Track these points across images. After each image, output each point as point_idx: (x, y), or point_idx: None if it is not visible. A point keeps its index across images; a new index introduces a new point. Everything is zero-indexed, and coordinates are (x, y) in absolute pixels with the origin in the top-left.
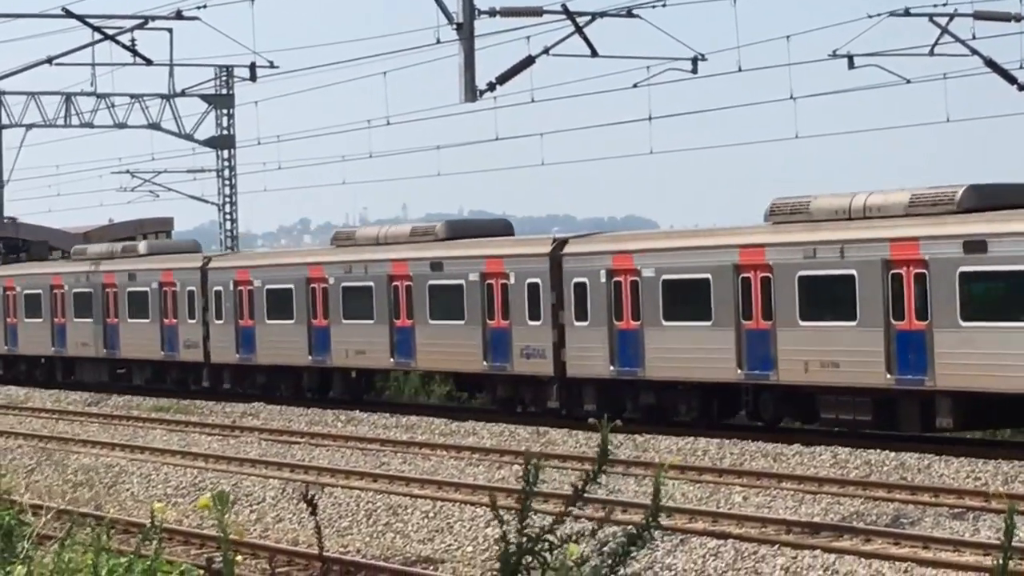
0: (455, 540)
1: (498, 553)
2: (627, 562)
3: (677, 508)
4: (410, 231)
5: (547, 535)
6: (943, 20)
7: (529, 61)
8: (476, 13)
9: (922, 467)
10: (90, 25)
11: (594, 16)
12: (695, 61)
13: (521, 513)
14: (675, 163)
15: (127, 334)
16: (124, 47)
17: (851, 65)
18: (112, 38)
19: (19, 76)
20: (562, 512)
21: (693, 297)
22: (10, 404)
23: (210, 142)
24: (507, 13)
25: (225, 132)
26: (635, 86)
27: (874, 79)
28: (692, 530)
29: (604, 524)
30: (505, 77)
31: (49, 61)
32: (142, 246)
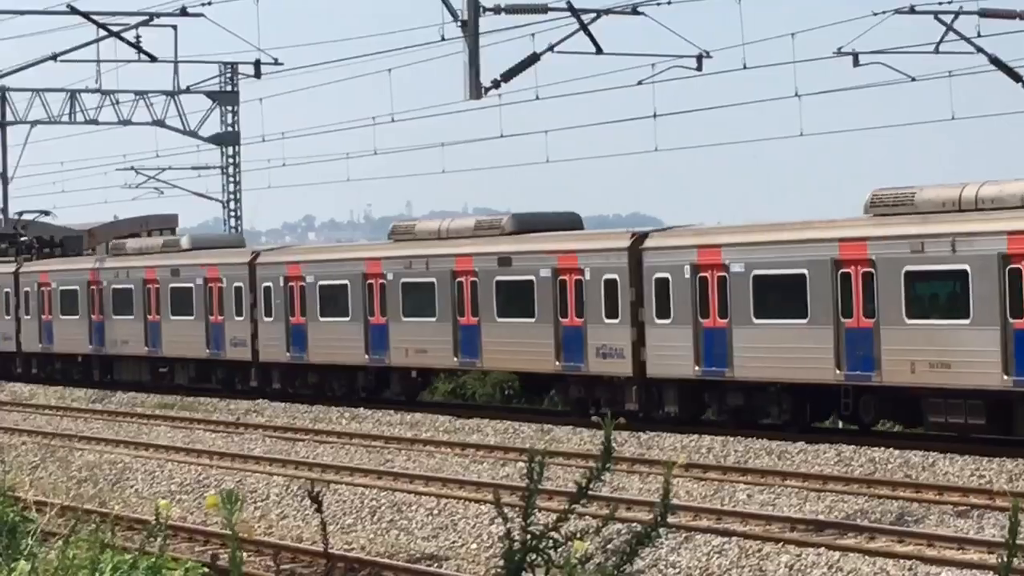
0: (459, 537)
1: (502, 550)
2: (634, 560)
3: (682, 505)
4: (474, 225)
5: (551, 532)
6: (948, 18)
7: (534, 58)
8: (481, 10)
9: (926, 465)
10: (95, 22)
11: (599, 13)
12: (700, 58)
13: (525, 510)
14: (680, 160)
15: (170, 332)
16: (129, 44)
17: (856, 63)
18: (117, 35)
19: (24, 73)
20: (566, 510)
21: (787, 293)
22: (14, 400)
23: (215, 139)
24: (512, 10)
25: (229, 129)
26: (640, 83)
27: (879, 77)
28: (696, 528)
29: (608, 522)
30: (510, 74)
31: (54, 58)
32: (184, 240)
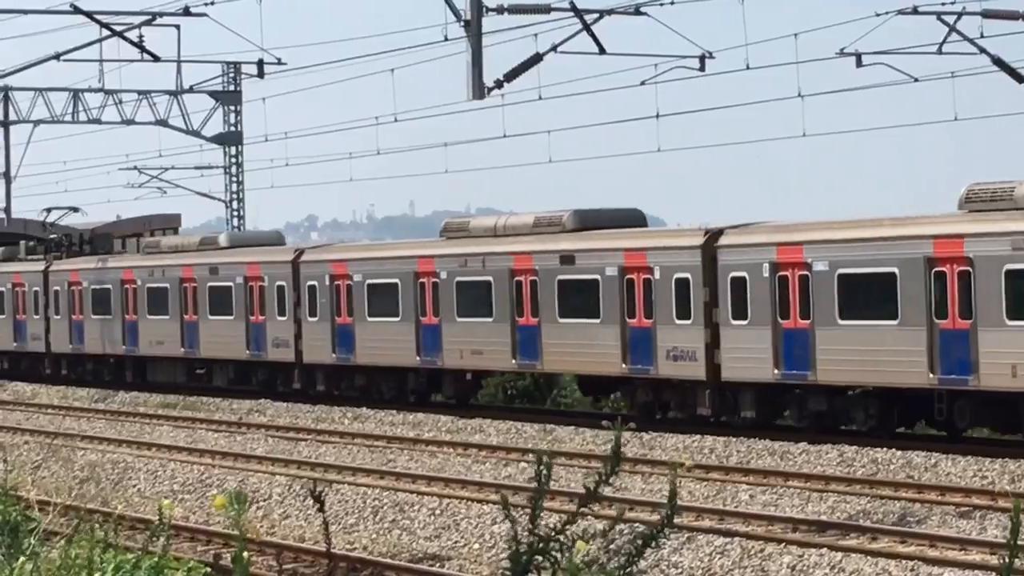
0: (461, 537)
1: (509, 552)
2: (638, 562)
3: (684, 506)
4: (533, 222)
5: (559, 535)
6: (951, 18)
7: (537, 58)
8: (484, 10)
9: (929, 465)
10: (98, 21)
11: (602, 14)
12: (703, 59)
13: (533, 513)
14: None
15: (207, 332)
16: (132, 43)
17: (859, 63)
18: (120, 34)
19: (27, 72)
20: (574, 512)
21: (876, 293)
22: (17, 400)
23: (218, 139)
24: (515, 10)
25: (233, 129)
26: (643, 84)
27: (882, 77)
28: (699, 528)
29: (617, 523)
30: (513, 74)
31: (57, 57)
32: (222, 238)
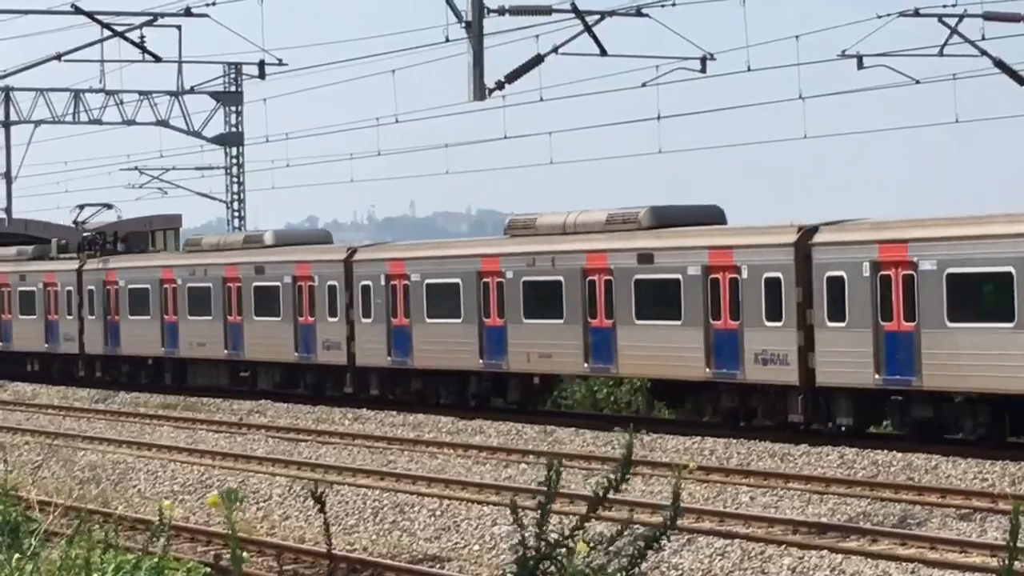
0: (462, 538)
1: (516, 557)
2: (641, 564)
3: (684, 507)
4: (606, 219)
5: (567, 540)
6: (953, 21)
7: (538, 60)
8: (485, 11)
9: (929, 468)
10: (99, 22)
11: (603, 15)
12: (704, 60)
13: (541, 518)
14: (684, 162)
15: (253, 333)
16: (133, 44)
17: (860, 65)
18: (121, 35)
19: (28, 72)
20: (583, 517)
21: (989, 294)
22: (17, 400)
23: (219, 139)
24: (516, 12)
25: (233, 129)
26: (644, 85)
27: (883, 79)
28: (699, 530)
29: (625, 528)
30: (514, 76)
31: (58, 58)
32: (268, 236)
